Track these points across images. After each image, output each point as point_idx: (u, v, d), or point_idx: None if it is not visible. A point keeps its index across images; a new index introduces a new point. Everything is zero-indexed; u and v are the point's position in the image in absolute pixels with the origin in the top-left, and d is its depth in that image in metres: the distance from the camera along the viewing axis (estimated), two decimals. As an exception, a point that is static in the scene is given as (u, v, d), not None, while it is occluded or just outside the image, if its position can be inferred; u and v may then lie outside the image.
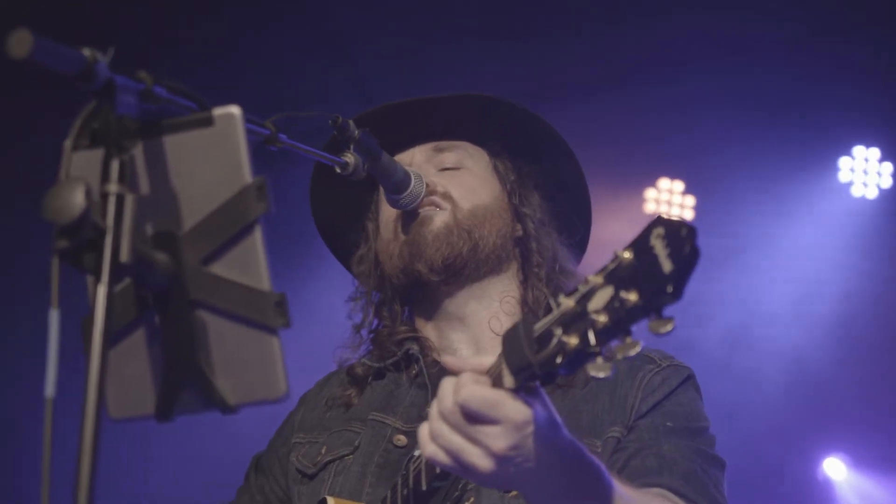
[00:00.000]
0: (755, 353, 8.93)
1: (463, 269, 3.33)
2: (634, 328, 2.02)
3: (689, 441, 3.09)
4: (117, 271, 1.92)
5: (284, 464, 3.43)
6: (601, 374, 2.04)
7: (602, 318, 2.01)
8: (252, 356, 2.06)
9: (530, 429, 2.19)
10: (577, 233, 3.59)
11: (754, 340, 8.95)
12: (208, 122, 2.06)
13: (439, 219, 3.33)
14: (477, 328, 3.38)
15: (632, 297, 1.98)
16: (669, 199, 9.32)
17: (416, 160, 3.46)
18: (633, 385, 3.17)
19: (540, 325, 2.13)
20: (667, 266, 1.94)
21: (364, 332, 3.54)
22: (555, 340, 2.08)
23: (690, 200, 9.25)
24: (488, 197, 3.43)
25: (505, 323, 3.31)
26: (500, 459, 2.19)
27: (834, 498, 9.01)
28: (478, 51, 8.16)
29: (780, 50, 8.47)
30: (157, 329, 2.10)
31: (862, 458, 8.95)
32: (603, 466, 2.44)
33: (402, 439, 3.21)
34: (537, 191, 3.52)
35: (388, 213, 3.42)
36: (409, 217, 3.32)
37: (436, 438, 2.24)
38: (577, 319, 2.06)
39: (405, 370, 3.39)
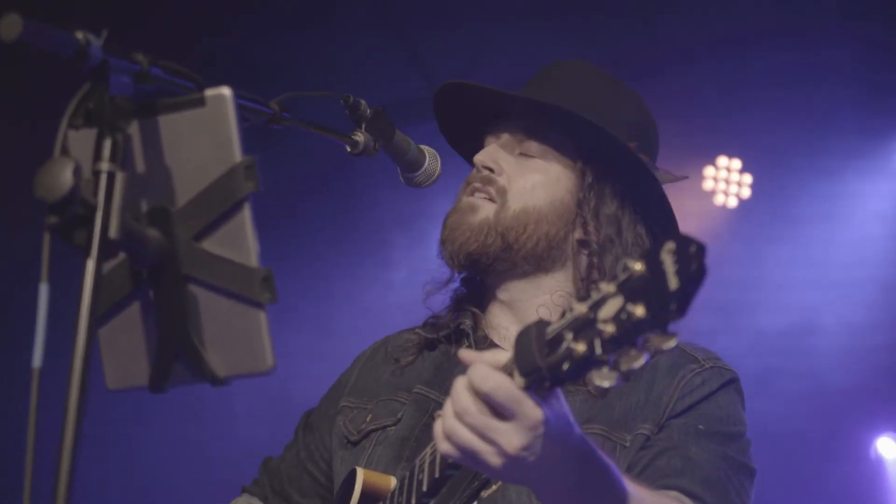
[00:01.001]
0: (812, 331, 8.90)
1: (491, 265, 3.29)
2: (640, 340, 2.01)
3: (718, 446, 3.05)
4: (107, 247, 1.98)
5: (331, 425, 3.47)
6: (605, 383, 2.03)
7: (609, 329, 2.01)
8: (240, 330, 2.12)
9: (542, 430, 2.21)
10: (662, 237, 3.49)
11: (812, 318, 8.91)
12: (200, 102, 2.12)
13: (482, 213, 3.29)
14: (525, 313, 3.34)
15: (638, 310, 1.98)
16: (727, 176, 9.30)
17: (503, 140, 3.39)
18: (672, 384, 3.13)
19: (552, 329, 2.14)
20: (673, 283, 1.94)
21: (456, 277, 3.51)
22: (564, 345, 2.08)
23: (748, 178, 9.22)
24: (548, 199, 3.31)
25: (554, 313, 3.27)
26: (512, 458, 2.22)
27: (885, 477, 8.97)
28: (536, 29, 8.16)
29: (842, 27, 8.41)
30: (150, 303, 2.17)
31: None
32: (614, 465, 2.47)
33: None
34: (616, 201, 3.34)
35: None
36: (461, 205, 3.34)
37: (450, 437, 2.27)
38: (587, 326, 2.06)
39: (455, 343, 3.40)
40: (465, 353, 2.34)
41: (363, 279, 9.32)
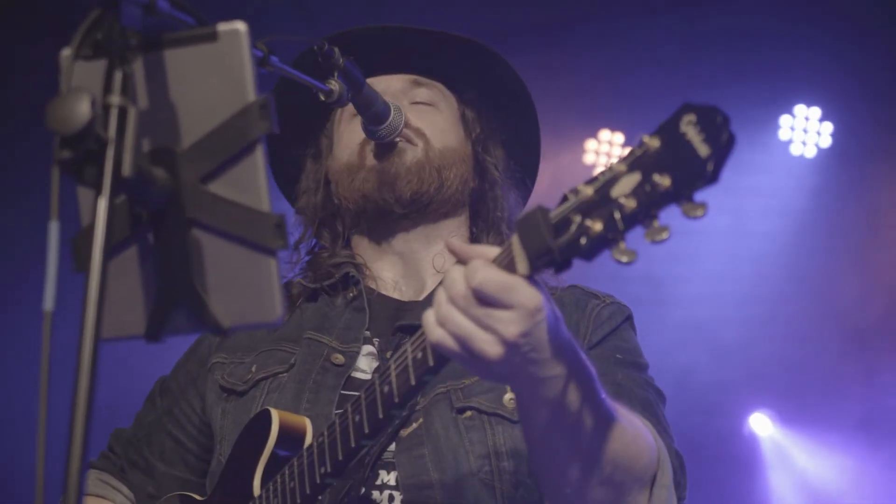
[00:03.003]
0: (683, 309, 9.01)
1: (427, 206, 3.34)
2: (663, 213, 2.01)
3: (638, 373, 3.15)
4: (118, 185, 1.87)
5: (201, 386, 3.38)
6: (624, 259, 2.03)
7: (631, 203, 2.00)
8: (248, 278, 2.02)
9: (541, 315, 2.17)
10: (523, 189, 3.62)
11: (684, 295, 9.03)
12: (212, 37, 2.02)
13: (412, 154, 3.32)
14: (419, 263, 3.38)
15: (665, 181, 1.97)
16: (609, 150, 9.35)
17: (392, 88, 3.42)
18: (584, 317, 3.20)
19: (557, 213, 2.10)
20: (703, 150, 1.94)
21: (302, 250, 3.53)
22: (574, 226, 2.06)
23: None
24: (456, 141, 3.44)
25: (449, 262, 3.29)
26: (510, 346, 2.15)
27: (759, 453, 9.13)
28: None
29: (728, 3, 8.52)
30: (150, 248, 2.07)
31: (787, 414, 9.07)
32: (595, 372, 2.41)
33: (339, 358, 3.17)
34: (502, 146, 3.56)
35: (351, 137, 3.39)
36: (383, 146, 3.30)
37: (445, 324, 2.18)
38: (598, 206, 2.04)
39: (342, 293, 3.37)
40: (454, 243, 2.28)
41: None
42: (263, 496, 2.91)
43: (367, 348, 3.22)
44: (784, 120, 9.00)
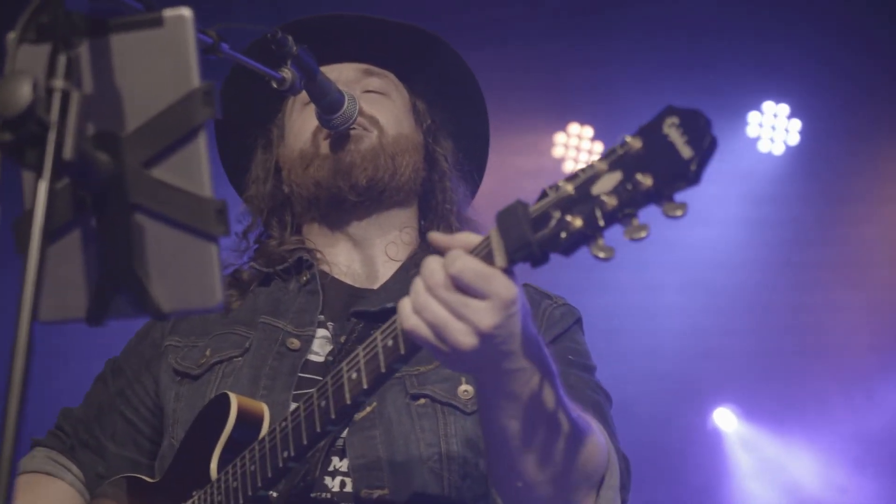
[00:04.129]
0: (650, 306, 9.04)
1: (381, 193, 3.38)
2: (642, 212, 2.07)
3: (589, 375, 3.20)
4: (59, 168, 1.88)
5: (154, 368, 3.40)
6: (602, 255, 2.08)
7: (612, 201, 2.05)
8: (189, 263, 2.03)
9: (515, 308, 2.21)
10: (471, 182, 3.67)
11: (649, 294, 9.05)
12: (158, 22, 2.02)
13: (368, 141, 3.36)
14: (372, 250, 3.42)
15: (647, 180, 2.02)
16: (578, 144, 9.37)
17: (345, 77, 3.46)
18: (537, 314, 3.24)
19: (537, 208, 2.16)
20: (687, 152, 1.99)
21: (251, 238, 3.55)
22: (554, 221, 2.11)
23: (599, 146, 9.29)
24: (408, 129, 3.49)
25: (402, 250, 3.35)
26: (484, 337, 2.20)
27: (723, 448, 9.17)
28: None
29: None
30: (92, 231, 2.07)
31: (752, 410, 9.11)
32: (556, 368, 2.46)
33: (294, 342, 3.20)
34: (450, 139, 3.61)
35: (304, 125, 3.41)
36: (338, 135, 3.32)
37: (420, 311, 2.23)
38: (579, 203, 2.10)
39: (295, 277, 3.40)
40: (435, 235, 2.33)
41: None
42: (221, 479, 2.92)
43: (322, 332, 3.24)
44: (752, 116, 9.03)
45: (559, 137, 9.37)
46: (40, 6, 1.96)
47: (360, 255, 3.42)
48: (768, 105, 9.03)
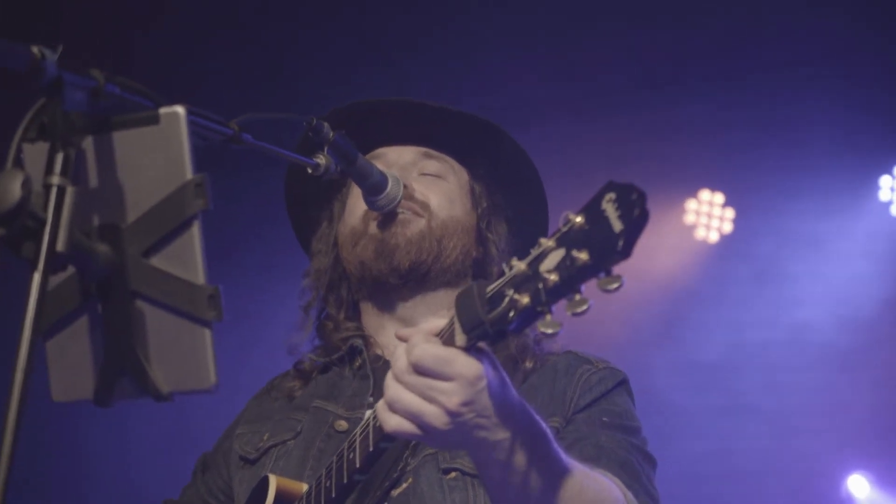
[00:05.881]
0: (788, 368, 8.93)
1: (425, 275, 3.44)
2: (584, 287, 2.12)
3: (624, 435, 3.19)
4: (54, 261, 2.00)
5: (227, 455, 3.54)
6: (550, 330, 2.13)
7: (553, 277, 2.11)
8: (185, 347, 2.14)
9: (482, 384, 2.28)
10: None
11: (786, 355, 8.95)
12: (154, 119, 2.14)
13: (415, 225, 3.42)
14: None
15: (582, 255, 2.08)
16: (710, 210, 9.32)
17: (405, 159, 3.54)
18: (572, 381, 3.27)
19: (492, 288, 2.23)
20: (617, 226, 2.04)
21: (313, 313, 3.64)
22: (506, 300, 2.17)
23: (730, 213, 9.24)
24: (461, 212, 3.53)
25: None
26: (456, 416, 2.27)
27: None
28: (512, 57, 8.19)
29: (826, 64, 8.45)
30: (98, 317, 2.19)
31: (886, 477, 8.92)
32: (549, 431, 2.51)
33: (343, 424, 3.29)
34: (506, 223, 3.64)
35: (358, 204, 3.48)
36: (387, 216, 3.40)
37: (393, 404, 2.32)
38: (528, 280, 2.16)
39: (349, 363, 3.49)
40: (401, 331, 2.41)
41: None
42: None
43: (370, 413, 3.32)
44: (884, 181, 8.91)
45: (690, 204, 9.31)
46: (41, 108, 2.09)
47: None
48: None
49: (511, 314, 2.17)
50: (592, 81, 8.47)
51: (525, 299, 2.15)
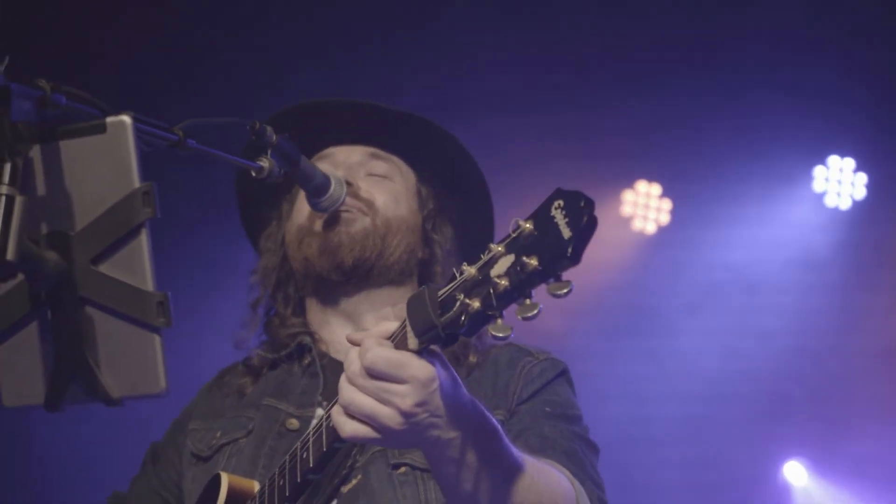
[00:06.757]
0: (720, 358, 9.02)
1: (368, 272, 3.46)
2: (534, 291, 2.16)
3: (567, 424, 3.24)
4: (3, 269, 2.03)
5: (181, 449, 3.54)
6: (501, 334, 2.18)
7: (503, 282, 2.16)
8: (135, 353, 2.18)
9: (435, 385, 2.34)
10: None
11: (721, 346, 9.04)
12: (101, 128, 2.18)
13: (360, 223, 3.45)
14: (364, 326, 3.49)
15: (532, 261, 2.12)
16: (647, 201, 9.39)
17: (352, 159, 3.56)
18: (514, 374, 3.33)
19: (443, 291, 2.29)
20: (566, 232, 2.09)
21: (260, 311, 3.67)
22: (458, 304, 2.23)
23: (667, 204, 9.32)
24: (407, 211, 3.56)
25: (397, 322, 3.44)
26: (410, 416, 2.32)
27: (792, 503, 9.09)
28: (447, 52, 8.22)
29: (759, 58, 8.55)
30: (48, 324, 2.22)
31: (823, 464, 9.03)
32: (500, 427, 2.56)
33: (294, 423, 3.32)
34: (451, 224, 3.68)
35: (304, 203, 3.50)
36: (332, 216, 3.43)
37: (348, 407, 2.36)
38: (479, 285, 2.21)
39: (297, 360, 3.51)
40: (352, 335, 2.46)
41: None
42: None
43: (320, 411, 3.35)
44: (818, 171, 9.03)
45: (627, 195, 9.38)
46: (-13, 117, 2.11)
47: (353, 330, 3.48)
48: (833, 160, 9.04)
49: (463, 318, 2.22)
50: (528, 76, 8.50)
51: (476, 303, 2.20)
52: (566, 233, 2.09)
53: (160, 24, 7.65)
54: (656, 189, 9.34)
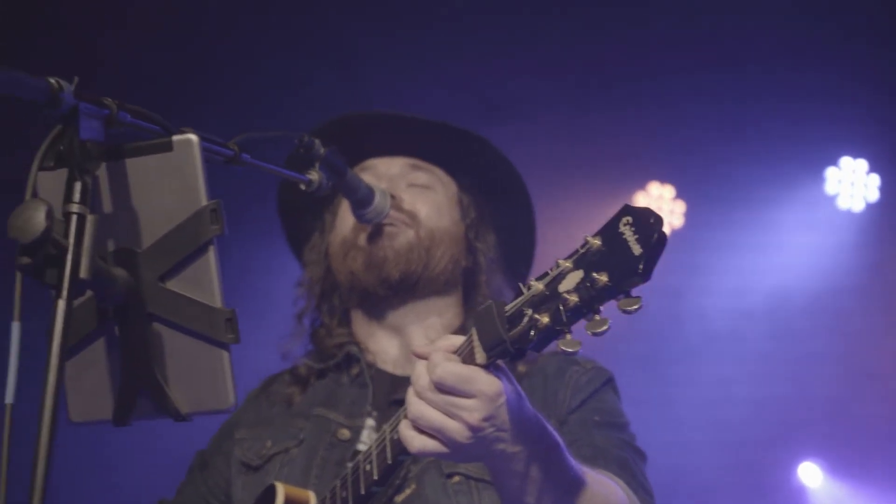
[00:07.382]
0: (734, 359, 9.02)
1: (414, 285, 3.50)
2: (603, 307, 2.20)
3: (616, 433, 3.31)
4: (77, 286, 2.04)
5: (228, 457, 3.57)
6: (570, 349, 2.21)
7: (573, 298, 2.19)
8: (203, 368, 2.20)
9: (502, 399, 2.37)
10: (518, 275, 3.75)
11: (735, 347, 9.05)
12: (168, 146, 2.20)
13: (403, 237, 3.48)
14: (410, 337, 3.54)
15: (602, 278, 2.16)
16: (660, 204, 9.39)
17: (393, 171, 3.59)
18: (563, 383, 3.38)
19: (511, 307, 2.31)
20: (636, 249, 2.12)
21: (306, 322, 3.70)
22: (526, 319, 2.25)
23: (680, 206, 9.33)
24: (449, 222, 3.59)
25: (442, 334, 3.43)
26: (477, 430, 2.36)
27: (808, 505, 9.10)
28: (469, 53, 8.22)
29: (773, 59, 8.55)
30: (116, 340, 2.24)
31: (838, 465, 9.03)
32: (561, 441, 2.60)
33: (345, 433, 3.36)
34: (494, 232, 3.71)
35: (348, 214, 3.52)
36: (376, 228, 3.46)
37: (417, 421, 2.40)
38: (547, 300, 2.24)
39: (346, 370, 3.55)
40: (419, 349, 2.48)
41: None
42: None
43: (370, 421, 3.39)
44: (831, 173, 9.04)
45: (640, 197, 9.38)
46: (58, 136, 2.13)
47: (399, 341, 3.54)
48: (846, 161, 9.04)
49: (532, 333, 2.25)
50: (542, 80, 8.51)
51: (545, 319, 2.23)
52: (636, 249, 2.12)
53: (160, 24, 7.65)
54: (669, 191, 9.35)
